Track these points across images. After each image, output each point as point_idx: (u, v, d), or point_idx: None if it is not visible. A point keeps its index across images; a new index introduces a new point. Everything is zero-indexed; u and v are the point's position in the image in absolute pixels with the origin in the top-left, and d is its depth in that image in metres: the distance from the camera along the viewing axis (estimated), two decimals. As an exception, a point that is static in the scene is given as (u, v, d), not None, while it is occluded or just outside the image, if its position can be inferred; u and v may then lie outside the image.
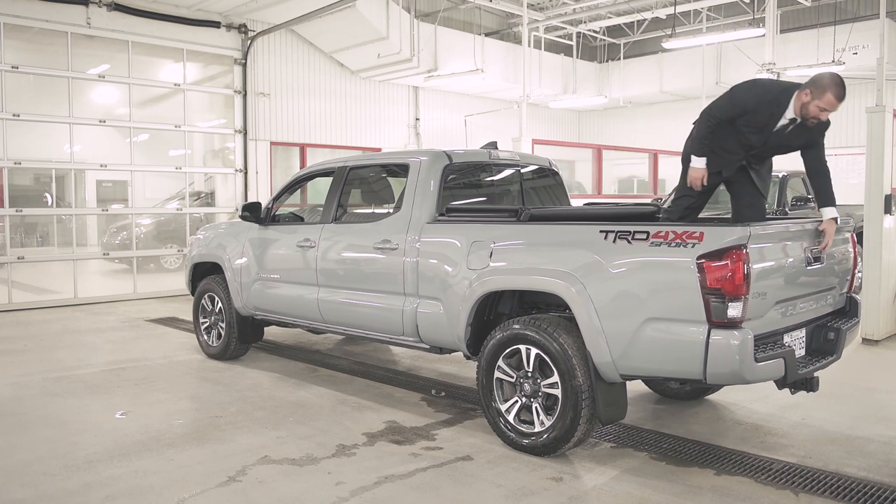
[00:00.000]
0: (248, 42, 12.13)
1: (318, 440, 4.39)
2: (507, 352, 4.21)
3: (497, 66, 15.23)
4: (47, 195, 11.34)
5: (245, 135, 12.33)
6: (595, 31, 18.14)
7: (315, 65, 13.66)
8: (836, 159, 4.49)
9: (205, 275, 6.85)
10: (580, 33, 17.86)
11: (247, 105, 12.30)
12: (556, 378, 3.96)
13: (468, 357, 4.68)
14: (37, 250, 11.51)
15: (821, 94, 4.11)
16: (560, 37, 17.78)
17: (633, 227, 3.75)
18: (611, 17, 16.77)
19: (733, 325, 3.45)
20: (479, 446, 4.28)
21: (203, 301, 6.72)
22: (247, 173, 12.37)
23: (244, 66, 12.18)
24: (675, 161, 5.08)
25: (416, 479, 3.79)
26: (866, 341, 7.13)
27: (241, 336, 6.42)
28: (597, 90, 18.11)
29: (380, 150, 13.93)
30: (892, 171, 7.23)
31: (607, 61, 18.63)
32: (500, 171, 5.58)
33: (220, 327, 6.53)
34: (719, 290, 3.42)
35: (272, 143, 12.79)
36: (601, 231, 3.86)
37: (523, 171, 5.65)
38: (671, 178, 14.30)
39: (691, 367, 3.56)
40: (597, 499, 3.57)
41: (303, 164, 13.14)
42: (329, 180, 5.81)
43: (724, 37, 13.50)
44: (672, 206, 4.85)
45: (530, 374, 4.12)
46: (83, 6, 10.21)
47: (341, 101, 14.16)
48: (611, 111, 19.65)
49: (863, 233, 7.18)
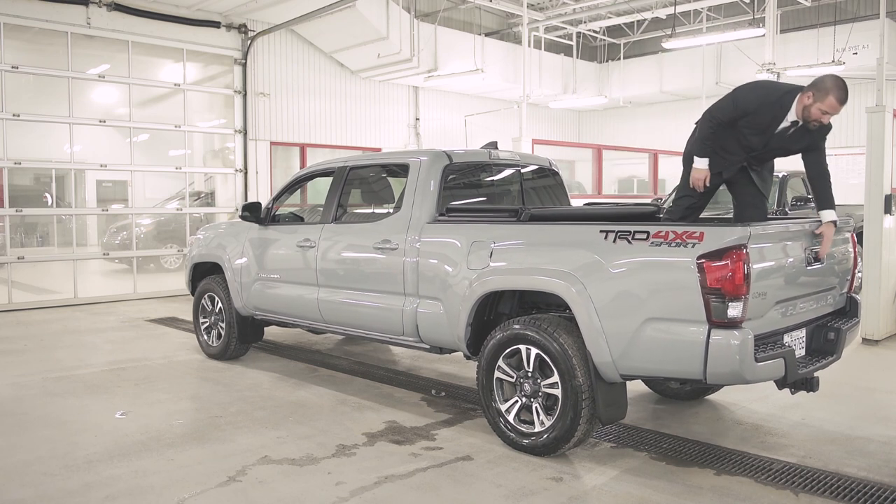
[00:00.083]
0: (248, 42, 12.13)
1: (318, 440, 4.39)
2: (508, 352, 4.21)
3: (497, 66, 15.23)
4: (47, 195, 11.34)
5: (245, 135, 12.33)
6: (595, 31, 18.14)
7: (315, 65, 13.66)
8: (836, 159, 4.49)
9: (205, 275, 6.85)
10: (580, 33, 17.86)
11: (247, 105, 12.30)
12: (556, 378, 3.97)
13: (468, 357, 4.68)
14: (37, 250, 11.51)
15: (823, 96, 4.10)
16: (560, 37, 17.78)
17: (633, 227, 3.75)
18: (611, 17, 16.77)
19: (733, 325, 3.45)
20: (479, 446, 4.28)
21: (203, 301, 6.72)
22: (247, 173, 12.37)
23: (244, 66, 12.18)
24: (675, 161, 5.08)
25: (416, 479, 3.79)
26: (866, 341, 7.13)
27: (241, 336, 6.42)
28: (597, 90, 18.11)
29: (380, 150, 13.93)
30: (892, 171, 7.23)
31: (607, 61, 18.63)
32: (500, 171, 5.58)
33: (220, 327, 6.54)
34: (719, 289, 3.42)
35: (272, 143, 12.79)
36: (601, 231, 3.86)
37: (523, 171, 5.65)
38: (671, 178, 14.30)
39: (691, 367, 3.56)
40: (597, 499, 3.57)
41: (303, 164, 13.13)
42: (329, 180, 5.81)
43: (724, 37, 13.50)
44: (673, 207, 4.85)
45: (530, 374, 4.12)
46: (83, 6, 10.21)
47: (341, 101, 14.16)
48: (611, 111, 19.65)
49: (863, 233, 7.19)
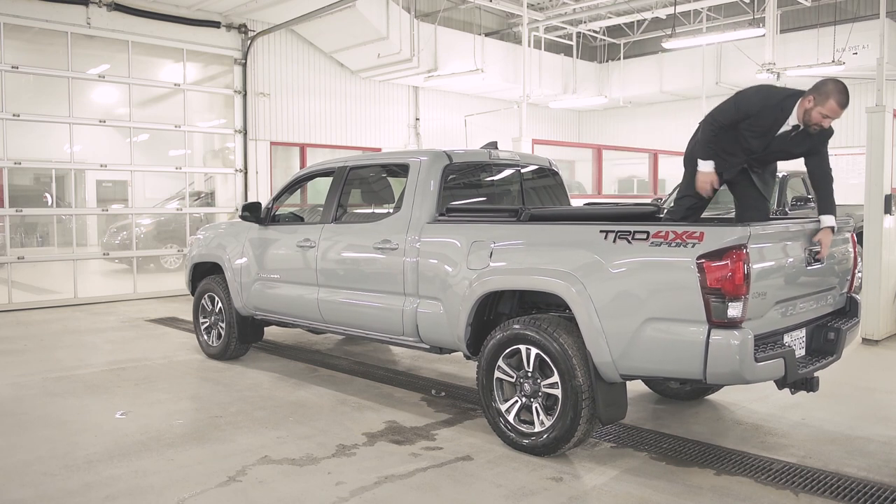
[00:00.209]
0: (248, 42, 12.13)
1: (318, 440, 4.39)
2: (507, 352, 4.21)
3: (497, 66, 15.23)
4: (47, 195, 11.34)
5: (245, 135, 12.33)
6: (595, 31, 18.14)
7: (315, 65, 13.66)
8: (836, 159, 4.49)
9: (205, 275, 6.85)
10: (580, 33, 17.85)
11: (247, 105, 12.30)
12: (556, 378, 3.97)
13: (468, 357, 4.68)
14: (37, 250, 11.51)
15: (823, 100, 4.10)
16: (560, 37, 17.78)
17: (633, 227, 3.75)
18: (611, 17, 16.76)
19: (733, 325, 3.45)
20: (479, 446, 4.28)
21: (203, 301, 6.72)
22: (247, 173, 12.37)
23: (244, 66, 12.18)
24: (675, 161, 5.09)
25: (416, 479, 3.79)
26: (866, 341, 7.13)
27: (241, 336, 6.42)
28: (597, 90, 18.11)
29: (380, 150, 13.93)
30: (892, 171, 7.23)
31: (607, 61, 18.63)
32: (500, 171, 5.58)
33: (220, 327, 6.54)
34: (719, 289, 3.42)
35: (272, 143, 12.79)
36: (601, 231, 3.86)
37: (523, 171, 5.65)
38: (671, 178, 14.30)
39: (691, 367, 3.56)
40: (597, 499, 3.57)
41: (303, 164, 13.13)
42: (329, 180, 5.81)
43: (724, 37, 13.50)
44: (675, 207, 4.86)
45: (530, 374, 4.12)
46: (83, 6, 10.21)
47: (341, 101, 14.16)
48: (611, 111, 19.65)
49: (863, 233, 7.19)
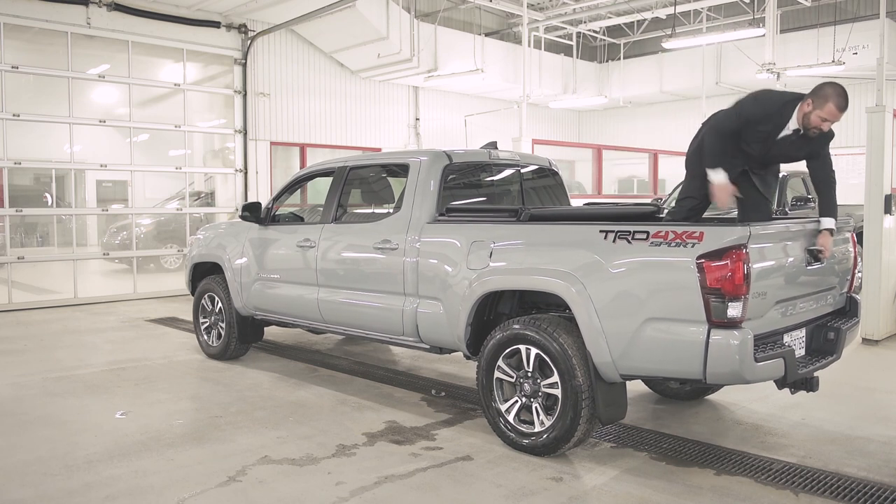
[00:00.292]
0: (248, 42, 12.13)
1: (318, 440, 4.39)
2: (507, 352, 4.22)
3: (497, 66, 15.22)
4: (47, 195, 11.34)
5: (245, 135, 12.33)
6: (595, 31, 18.14)
7: (315, 65, 13.66)
8: (836, 159, 4.49)
9: (205, 275, 6.85)
10: (580, 33, 17.85)
11: (247, 105, 12.30)
12: (555, 378, 3.97)
13: (468, 357, 4.68)
14: (37, 250, 11.51)
15: (822, 104, 4.10)
16: (560, 37, 17.78)
17: (632, 227, 3.75)
18: (611, 17, 16.76)
19: (733, 324, 3.45)
20: (479, 446, 4.28)
21: (203, 301, 6.72)
22: (247, 173, 12.37)
23: (244, 66, 12.18)
24: (675, 161, 5.10)
25: (416, 479, 3.79)
26: (866, 341, 7.13)
27: (241, 336, 6.43)
28: (597, 90, 18.10)
29: (380, 150, 13.93)
30: (892, 171, 7.23)
31: (607, 61, 18.62)
32: (500, 171, 5.58)
33: (220, 327, 6.54)
34: (719, 289, 3.43)
35: (272, 143, 12.79)
36: (601, 231, 3.86)
37: (523, 171, 5.65)
38: (671, 178, 14.29)
39: (691, 367, 3.56)
40: (597, 499, 3.57)
41: (303, 164, 13.13)
42: (329, 180, 5.81)
43: (724, 37, 13.50)
44: (676, 208, 4.88)
45: (530, 374, 4.12)
46: (83, 6, 10.21)
47: (341, 101, 14.16)
48: (611, 111, 19.64)
49: (863, 233, 7.18)
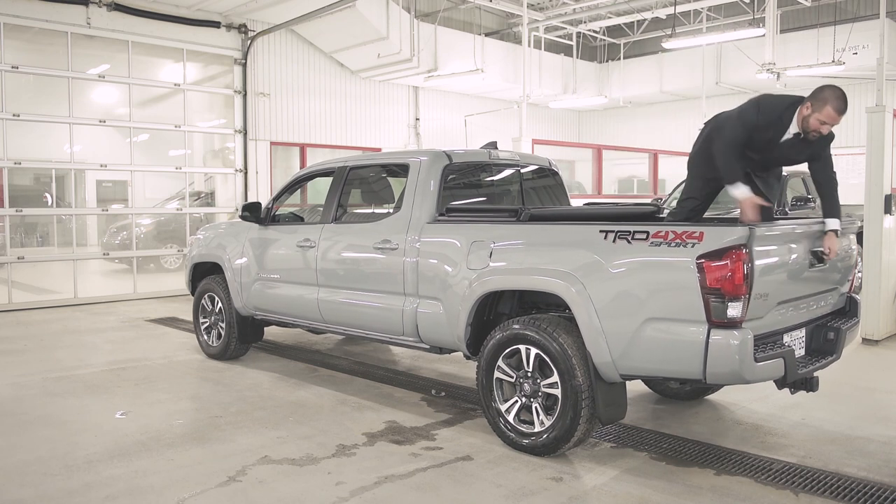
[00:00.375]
0: (248, 42, 12.12)
1: (318, 440, 4.39)
2: (507, 352, 4.22)
3: (497, 66, 15.22)
4: (47, 195, 11.34)
5: (245, 135, 12.33)
6: (595, 31, 18.13)
7: (315, 65, 13.66)
8: (836, 159, 4.51)
9: (205, 275, 6.85)
10: (580, 33, 17.85)
11: (247, 105, 12.30)
12: (555, 378, 3.97)
13: (468, 357, 4.68)
14: (37, 250, 11.50)
15: (821, 107, 4.10)
16: (560, 37, 17.78)
17: (632, 227, 3.75)
18: (611, 17, 16.76)
19: (733, 324, 3.45)
20: (479, 446, 4.28)
21: (203, 301, 6.72)
22: (247, 173, 12.37)
23: (244, 66, 12.18)
24: (675, 161, 5.11)
25: (416, 479, 3.79)
26: (866, 341, 7.13)
27: (241, 336, 6.43)
28: (597, 90, 18.10)
29: (380, 150, 13.92)
30: (892, 171, 7.23)
31: (607, 61, 18.62)
32: (500, 171, 5.58)
33: (220, 327, 6.54)
34: (719, 289, 3.43)
35: (272, 143, 12.79)
36: (601, 231, 3.86)
37: (523, 171, 5.65)
38: (671, 178, 14.28)
39: (691, 367, 3.56)
40: (597, 499, 3.57)
41: (303, 164, 13.13)
42: (329, 180, 5.81)
43: (724, 37, 13.50)
44: (677, 209, 4.89)
45: (530, 374, 4.12)
46: (83, 6, 10.21)
47: (341, 101, 14.16)
48: (611, 111, 19.64)
49: (863, 233, 7.18)
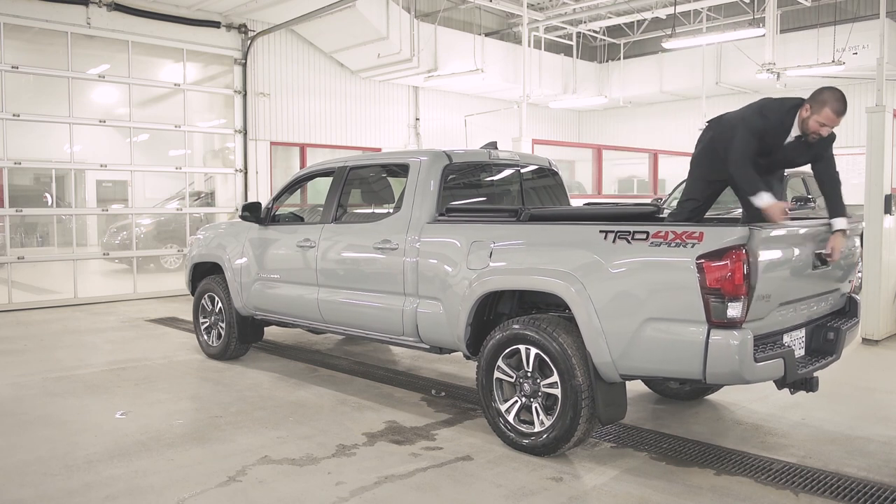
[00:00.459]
0: (248, 42, 12.12)
1: (318, 440, 4.39)
2: (507, 352, 4.22)
3: (497, 66, 15.22)
4: (47, 195, 11.34)
5: (245, 135, 12.33)
6: (595, 31, 18.13)
7: (315, 65, 13.66)
8: (836, 159, 4.53)
9: (205, 275, 6.85)
10: (580, 33, 17.85)
11: (247, 105, 12.30)
12: (555, 378, 3.97)
13: (468, 357, 4.68)
14: (37, 250, 11.50)
15: (819, 108, 4.10)
16: (560, 37, 17.78)
17: (632, 228, 3.75)
18: (611, 17, 16.76)
19: (733, 325, 3.45)
20: (479, 446, 4.28)
21: (203, 301, 6.73)
22: (247, 173, 12.37)
23: (244, 66, 12.18)
24: (675, 161, 5.11)
25: (416, 479, 3.79)
26: (866, 341, 7.13)
27: (241, 336, 6.43)
28: (597, 90, 18.10)
29: (380, 150, 13.92)
30: (892, 171, 7.23)
31: (607, 61, 18.62)
32: (500, 171, 5.58)
33: (220, 327, 6.54)
34: (719, 290, 3.43)
35: (272, 143, 12.79)
36: (601, 231, 3.86)
37: (523, 171, 5.65)
38: (671, 178, 14.28)
39: (691, 368, 3.56)
40: (597, 499, 3.57)
41: (303, 164, 13.13)
42: (329, 180, 5.81)
43: (724, 37, 13.50)
44: (678, 209, 4.89)
45: (530, 374, 4.12)
46: (83, 6, 10.21)
47: (341, 101, 14.15)
48: (611, 111, 19.64)
49: (863, 233, 7.18)
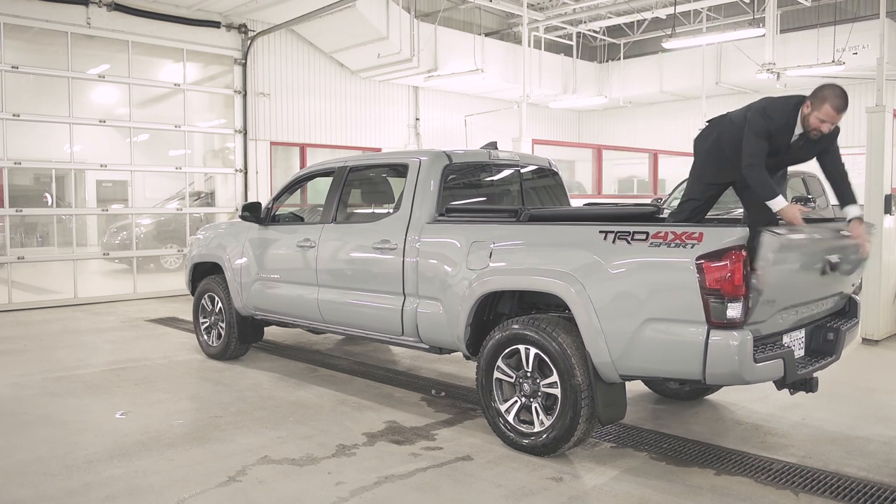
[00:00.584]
0: (248, 42, 12.13)
1: (318, 440, 4.39)
2: (507, 352, 4.22)
3: (497, 66, 15.22)
4: (47, 195, 11.34)
5: (245, 135, 12.33)
6: (595, 31, 18.13)
7: (315, 65, 13.66)
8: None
9: (205, 275, 6.85)
10: (580, 33, 17.85)
11: (247, 105, 12.30)
12: (555, 378, 3.97)
13: (468, 357, 4.68)
14: (37, 250, 11.51)
15: (820, 105, 4.09)
16: (560, 37, 17.77)
17: (632, 228, 3.75)
18: (611, 17, 16.76)
19: (733, 325, 3.45)
20: (479, 446, 4.28)
21: (203, 301, 6.73)
22: (247, 173, 12.37)
23: (244, 66, 12.18)
24: (675, 161, 5.10)
25: (416, 479, 3.79)
26: (866, 341, 7.14)
27: (241, 336, 6.43)
28: (597, 90, 18.10)
29: (380, 150, 13.92)
30: (892, 171, 7.23)
31: (607, 61, 18.62)
32: (500, 172, 5.58)
33: (220, 327, 6.54)
34: (719, 290, 3.42)
35: (272, 143, 12.79)
36: (601, 231, 3.86)
37: (523, 171, 5.65)
38: (671, 178, 14.28)
39: (690, 368, 3.56)
40: (597, 499, 3.57)
41: (303, 164, 13.13)
42: (329, 180, 5.82)
43: (724, 37, 13.49)
44: (679, 209, 4.88)
45: (529, 374, 4.13)
46: (83, 6, 10.21)
47: (341, 101, 14.15)
48: (611, 111, 19.64)
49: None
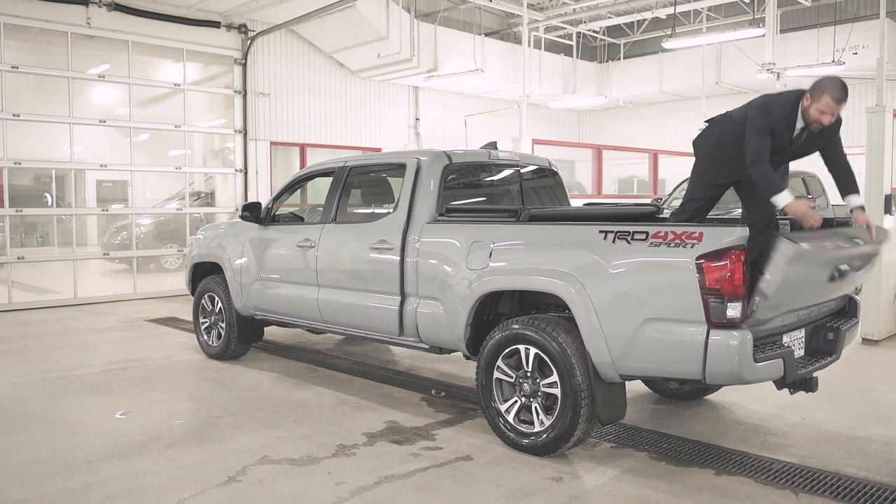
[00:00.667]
0: (248, 42, 12.13)
1: (318, 440, 4.39)
2: (507, 352, 4.22)
3: (497, 66, 15.22)
4: (47, 195, 11.35)
5: (245, 135, 12.33)
6: (595, 31, 18.13)
7: (315, 65, 13.66)
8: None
9: (205, 275, 6.85)
10: (580, 33, 17.85)
11: (247, 105, 12.30)
12: (555, 377, 3.97)
13: (468, 357, 4.69)
14: (37, 250, 11.51)
15: (819, 96, 4.09)
16: (560, 37, 17.78)
17: (632, 228, 3.75)
18: (611, 17, 16.76)
19: (732, 325, 3.45)
20: (479, 446, 4.28)
21: (203, 301, 6.73)
22: (247, 173, 12.37)
23: (244, 66, 12.18)
24: (675, 161, 5.10)
25: (416, 479, 3.80)
26: (866, 341, 7.13)
27: (241, 336, 6.43)
28: (597, 90, 18.10)
29: (380, 150, 13.93)
30: (892, 171, 7.24)
31: (607, 61, 18.62)
32: (500, 172, 5.58)
33: (220, 327, 6.54)
34: (718, 290, 3.43)
35: (272, 143, 12.79)
36: (601, 231, 3.87)
37: (523, 171, 5.65)
38: (671, 178, 14.28)
39: (690, 368, 3.56)
40: (597, 499, 3.57)
41: (303, 164, 13.13)
42: (329, 180, 5.82)
43: (724, 37, 13.49)
44: (679, 210, 4.88)
45: (529, 374, 4.13)
46: (83, 6, 10.22)
47: (341, 101, 14.16)
48: (611, 111, 19.64)
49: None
